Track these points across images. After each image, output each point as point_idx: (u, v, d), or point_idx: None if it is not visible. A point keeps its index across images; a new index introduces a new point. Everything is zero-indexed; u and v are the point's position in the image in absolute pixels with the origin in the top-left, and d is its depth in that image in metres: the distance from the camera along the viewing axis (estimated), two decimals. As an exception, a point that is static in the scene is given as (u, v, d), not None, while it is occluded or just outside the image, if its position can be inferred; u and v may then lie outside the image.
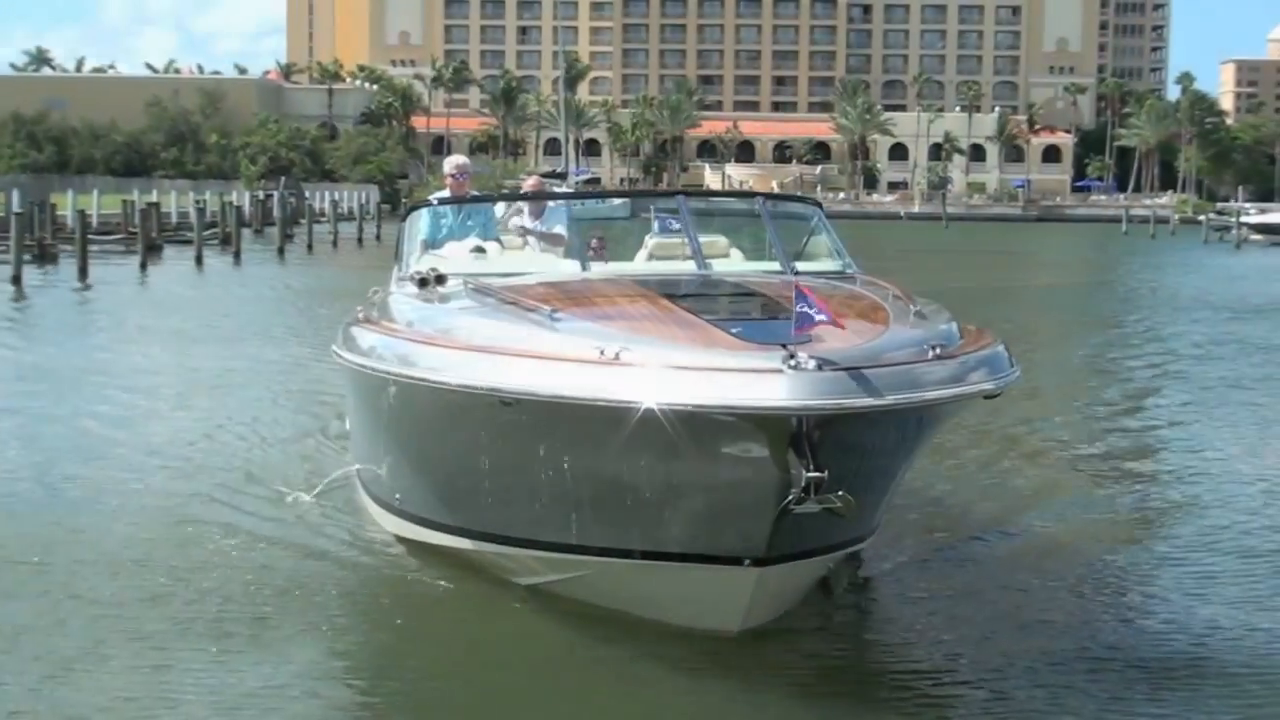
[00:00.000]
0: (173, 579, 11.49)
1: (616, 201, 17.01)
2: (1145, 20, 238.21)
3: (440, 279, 11.44)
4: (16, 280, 42.77)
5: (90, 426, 19.00)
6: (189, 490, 14.93)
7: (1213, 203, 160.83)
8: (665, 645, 9.67)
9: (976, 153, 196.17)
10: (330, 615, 10.82)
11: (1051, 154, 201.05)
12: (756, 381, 7.99)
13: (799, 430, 8.05)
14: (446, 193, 14.46)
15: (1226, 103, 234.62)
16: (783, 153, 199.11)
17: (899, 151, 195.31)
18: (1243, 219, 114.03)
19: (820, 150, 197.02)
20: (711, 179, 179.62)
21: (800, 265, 12.36)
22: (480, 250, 12.69)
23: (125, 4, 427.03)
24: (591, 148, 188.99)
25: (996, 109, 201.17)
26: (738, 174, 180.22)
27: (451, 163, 14.75)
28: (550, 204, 14.12)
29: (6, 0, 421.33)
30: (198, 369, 25.50)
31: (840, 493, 8.27)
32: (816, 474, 8.05)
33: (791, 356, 7.94)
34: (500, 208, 14.34)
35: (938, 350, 8.89)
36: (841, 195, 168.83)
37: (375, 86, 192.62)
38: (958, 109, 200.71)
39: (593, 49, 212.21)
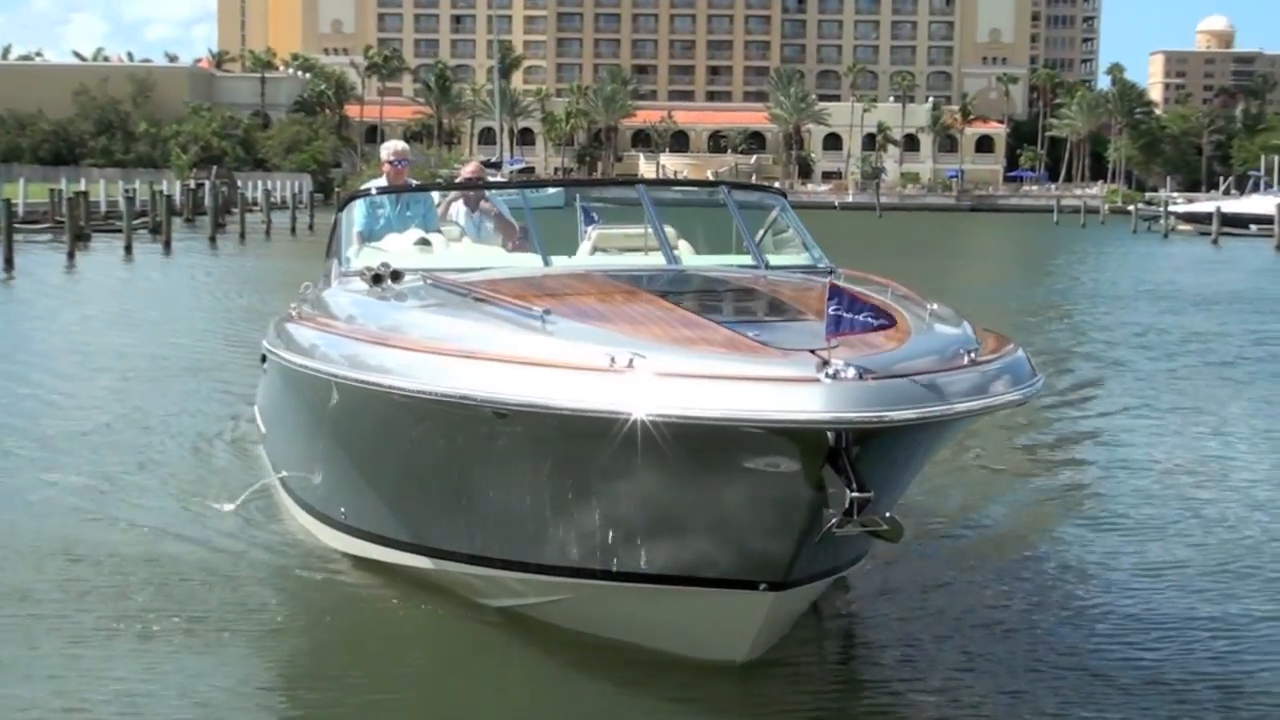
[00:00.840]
0: (63, 593, 10.75)
1: (551, 190, 16.28)
2: (1076, 11, 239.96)
3: (395, 274, 10.68)
4: (-63, 270, 42.18)
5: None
6: (83, 487, 14.12)
7: (1142, 193, 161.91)
8: (640, 671, 9.06)
9: (910, 143, 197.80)
10: (265, 631, 10.19)
11: (985, 144, 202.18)
12: (791, 392, 7.36)
13: (838, 445, 7.43)
14: (384, 181, 13.76)
15: (1155, 93, 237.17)
16: (717, 143, 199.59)
17: (833, 141, 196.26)
18: (1170, 209, 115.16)
19: (755, 140, 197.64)
20: (646, 169, 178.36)
21: (770, 259, 11.93)
22: (425, 243, 12.04)
23: None
24: (526, 137, 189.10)
25: (930, 99, 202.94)
26: (672, 164, 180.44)
27: (389, 149, 14.04)
28: (489, 193, 13.65)
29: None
30: (121, 357, 24.99)
31: (888, 514, 7.77)
32: (862, 494, 7.42)
33: (825, 364, 7.37)
34: (436, 197, 13.69)
35: (972, 355, 8.38)
36: (776, 185, 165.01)
37: (308, 75, 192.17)
38: (892, 99, 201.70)
39: (527, 38, 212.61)
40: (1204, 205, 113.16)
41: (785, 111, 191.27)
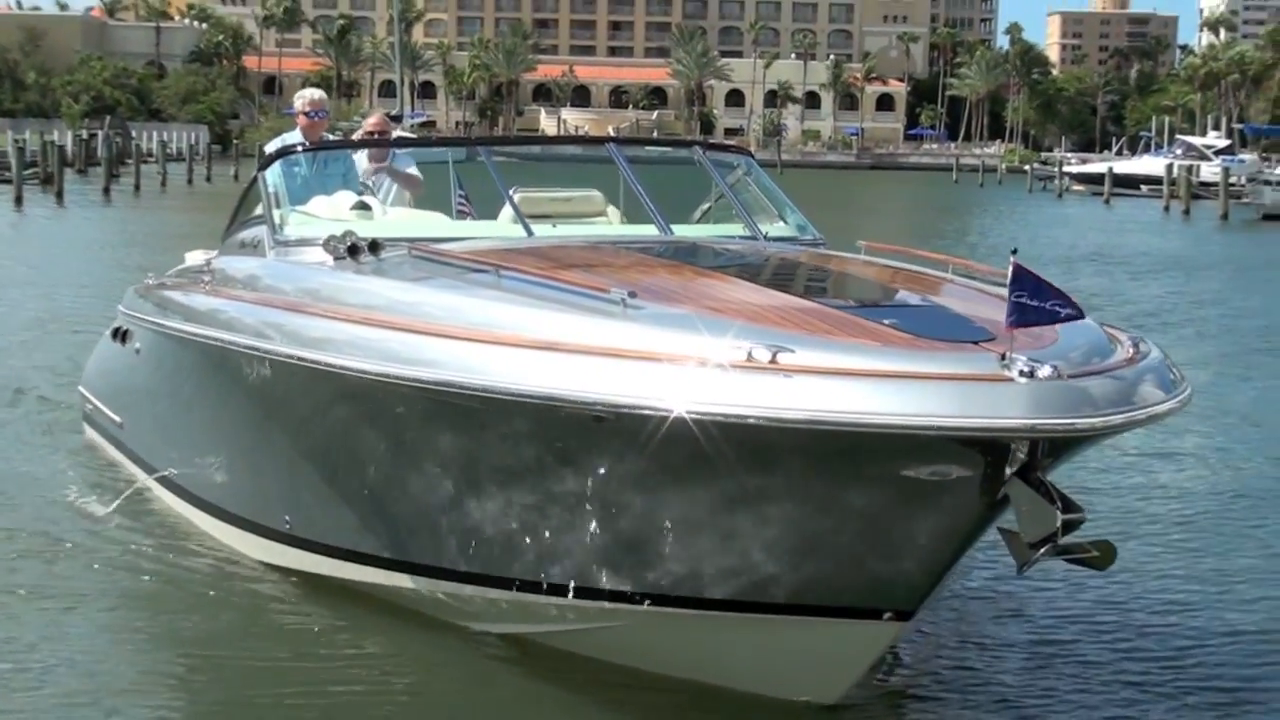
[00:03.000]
0: None
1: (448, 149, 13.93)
2: None
3: (374, 245, 9.26)
4: None
5: None
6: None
7: (1038, 152, 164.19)
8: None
9: (811, 100, 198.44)
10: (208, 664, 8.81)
11: (885, 102, 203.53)
12: (984, 393, 6.34)
13: (1032, 455, 6.50)
14: (297, 133, 12.03)
15: (1053, 54, 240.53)
16: (619, 98, 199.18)
17: (735, 98, 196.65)
18: (1065, 169, 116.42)
19: (657, 96, 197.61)
20: (547, 124, 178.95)
21: (775, 228, 10.76)
22: (364, 206, 10.63)
23: None
24: (427, 90, 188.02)
25: (831, 57, 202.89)
26: (573, 118, 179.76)
27: (305, 98, 12.16)
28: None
29: None
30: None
31: (1104, 539, 6.93)
32: (1072, 514, 6.48)
33: (1010, 361, 6.37)
34: (362, 156, 11.79)
35: (1137, 348, 7.36)
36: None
37: (205, 25, 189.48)
38: (793, 56, 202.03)
39: None
40: (1097, 166, 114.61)
41: (687, 68, 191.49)
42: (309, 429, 9.27)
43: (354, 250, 9.15)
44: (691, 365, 6.58)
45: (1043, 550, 6.51)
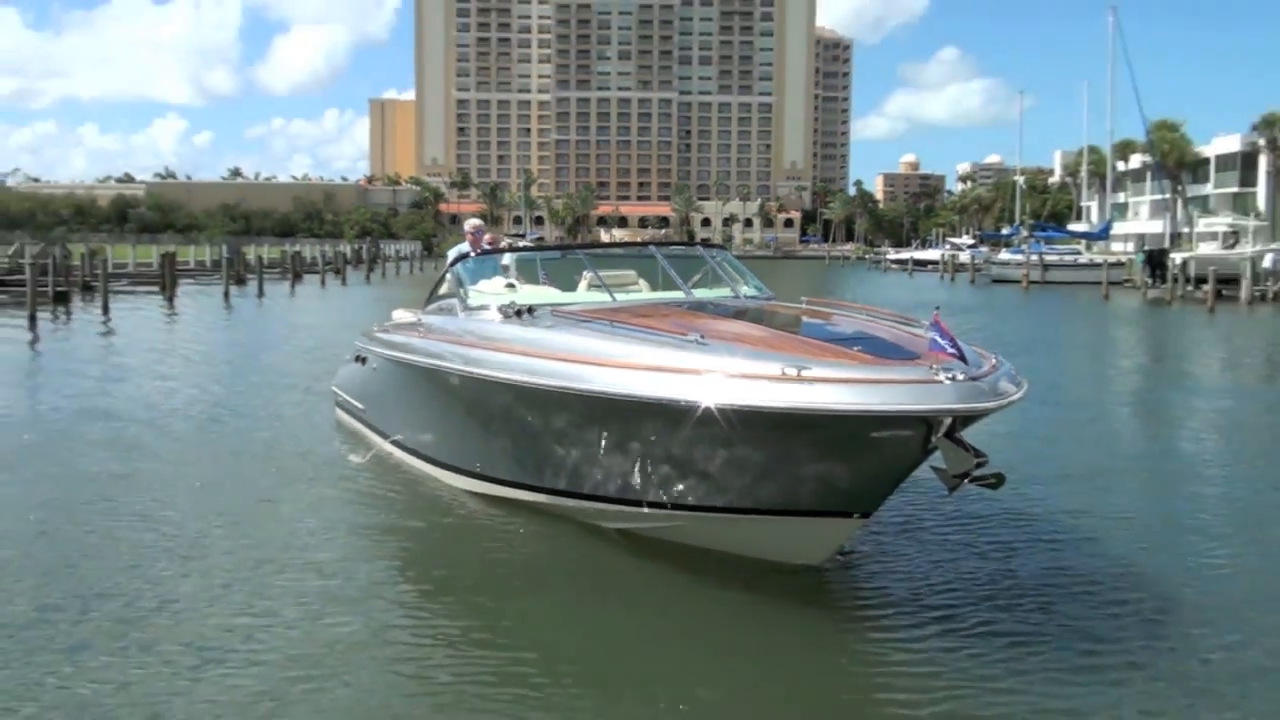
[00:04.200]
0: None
1: (556, 251, 12.67)
2: (836, 150, 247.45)
3: (531, 310, 8.77)
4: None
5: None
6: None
7: (873, 248, 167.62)
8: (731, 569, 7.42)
9: (748, 222, 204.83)
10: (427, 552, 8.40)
11: (788, 223, 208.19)
12: (926, 391, 6.23)
13: (954, 424, 6.27)
14: (466, 244, 11.41)
15: (880, 195, 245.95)
16: (642, 223, 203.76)
17: (707, 222, 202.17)
18: (887, 257, 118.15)
19: (663, 221, 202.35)
20: (605, 238, 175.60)
21: (743, 291, 10.09)
22: (512, 286, 9.94)
23: (281, 137, 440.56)
24: (539, 221, 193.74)
25: (759, 199, 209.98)
26: (619, 234, 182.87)
27: (471, 223, 11.90)
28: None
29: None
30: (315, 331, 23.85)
31: (998, 473, 6.62)
32: (981, 458, 6.35)
33: (937, 371, 6.29)
34: (507, 257, 10.82)
35: (996, 360, 7.08)
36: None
37: (419, 187, 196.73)
38: (738, 199, 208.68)
39: (540, 165, 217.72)
40: (903, 254, 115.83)
41: (679, 206, 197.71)
42: (494, 415, 8.65)
43: (519, 313, 8.77)
44: (747, 379, 6.54)
45: (964, 480, 6.41)
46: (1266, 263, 49.71)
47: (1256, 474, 11.68)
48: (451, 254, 11.13)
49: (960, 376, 6.26)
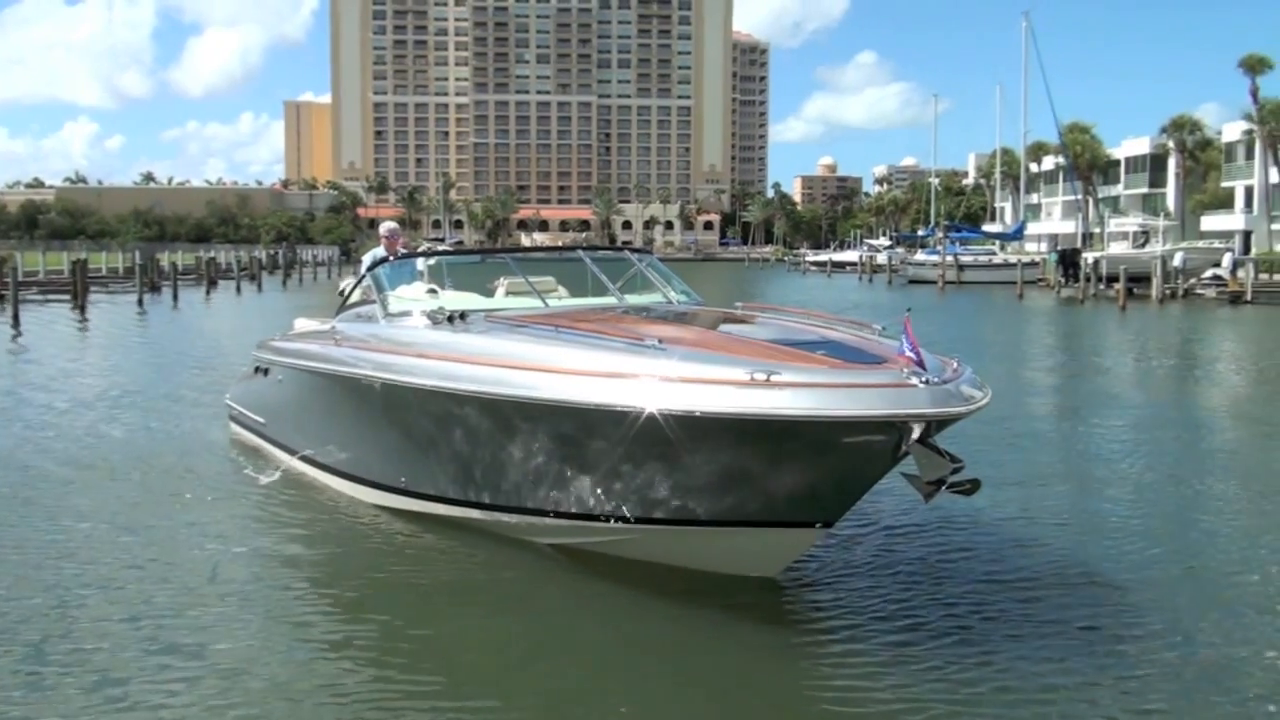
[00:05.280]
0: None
1: (477, 255, 12.74)
2: (754, 153, 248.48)
3: (462, 315, 8.27)
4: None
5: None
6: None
7: (792, 250, 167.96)
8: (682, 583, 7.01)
9: (669, 226, 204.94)
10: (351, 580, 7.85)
11: (708, 226, 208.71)
12: (901, 395, 5.90)
13: (927, 428, 5.92)
14: (381, 249, 10.83)
15: (798, 197, 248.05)
16: (564, 226, 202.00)
17: (627, 225, 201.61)
18: (806, 259, 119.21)
19: (584, 225, 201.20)
20: (526, 241, 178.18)
21: (673, 296, 9.68)
22: (434, 291, 9.40)
23: (195, 140, 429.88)
24: (457, 224, 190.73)
25: (679, 202, 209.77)
26: (540, 238, 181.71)
27: (387, 226, 11.43)
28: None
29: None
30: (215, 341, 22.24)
31: (974, 479, 6.19)
32: (957, 464, 5.97)
33: (908, 375, 5.97)
34: (421, 262, 10.26)
35: (957, 365, 6.72)
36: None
37: (336, 191, 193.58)
38: (658, 201, 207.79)
39: (460, 170, 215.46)
40: (822, 256, 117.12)
41: (600, 209, 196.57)
42: (424, 427, 7.99)
43: (450, 319, 8.21)
44: (715, 385, 6.11)
45: (940, 487, 5.97)
46: (1176, 261, 51.24)
47: (1179, 469, 12.04)
48: (367, 259, 10.55)
49: (933, 380, 5.99)
